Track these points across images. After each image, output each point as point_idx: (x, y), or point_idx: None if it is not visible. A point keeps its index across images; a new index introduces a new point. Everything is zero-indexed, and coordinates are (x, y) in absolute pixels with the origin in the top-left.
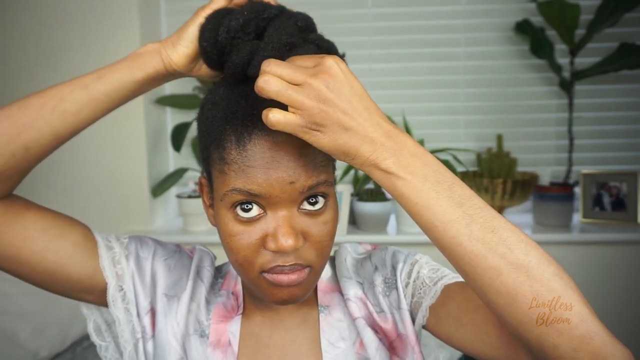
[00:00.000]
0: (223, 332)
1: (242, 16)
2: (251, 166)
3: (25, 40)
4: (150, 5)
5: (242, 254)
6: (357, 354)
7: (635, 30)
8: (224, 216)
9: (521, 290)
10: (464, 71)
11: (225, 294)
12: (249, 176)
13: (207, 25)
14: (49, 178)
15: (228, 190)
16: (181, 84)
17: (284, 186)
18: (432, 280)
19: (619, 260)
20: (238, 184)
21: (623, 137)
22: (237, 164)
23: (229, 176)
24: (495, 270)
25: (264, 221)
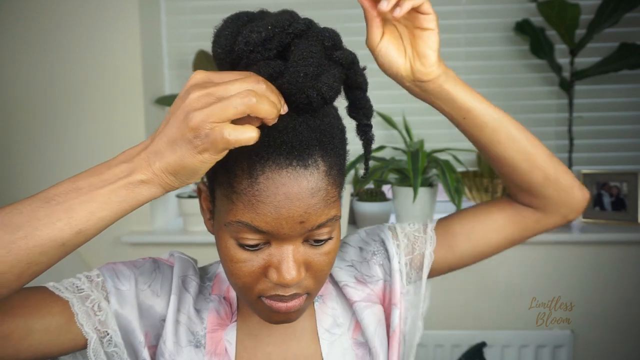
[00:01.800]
0: (219, 341)
1: (265, 30)
2: (262, 202)
3: (24, 40)
4: (150, 5)
5: (243, 280)
6: (353, 338)
7: (635, 30)
8: (226, 240)
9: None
10: (464, 71)
11: (217, 299)
12: (258, 212)
13: (224, 30)
14: (49, 178)
15: (234, 221)
16: (181, 83)
17: (294, 225)
18: (419, 232)
19: (619, 260)
20: (245, 219)
21: (623, 137)
22: (246, 197)
23: (236, 207)
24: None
25: (267, 251)
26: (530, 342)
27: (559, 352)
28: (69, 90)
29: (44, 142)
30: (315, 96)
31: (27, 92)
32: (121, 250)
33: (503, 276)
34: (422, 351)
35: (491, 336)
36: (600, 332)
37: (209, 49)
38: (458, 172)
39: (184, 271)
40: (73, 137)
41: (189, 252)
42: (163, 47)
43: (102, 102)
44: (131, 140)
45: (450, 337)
